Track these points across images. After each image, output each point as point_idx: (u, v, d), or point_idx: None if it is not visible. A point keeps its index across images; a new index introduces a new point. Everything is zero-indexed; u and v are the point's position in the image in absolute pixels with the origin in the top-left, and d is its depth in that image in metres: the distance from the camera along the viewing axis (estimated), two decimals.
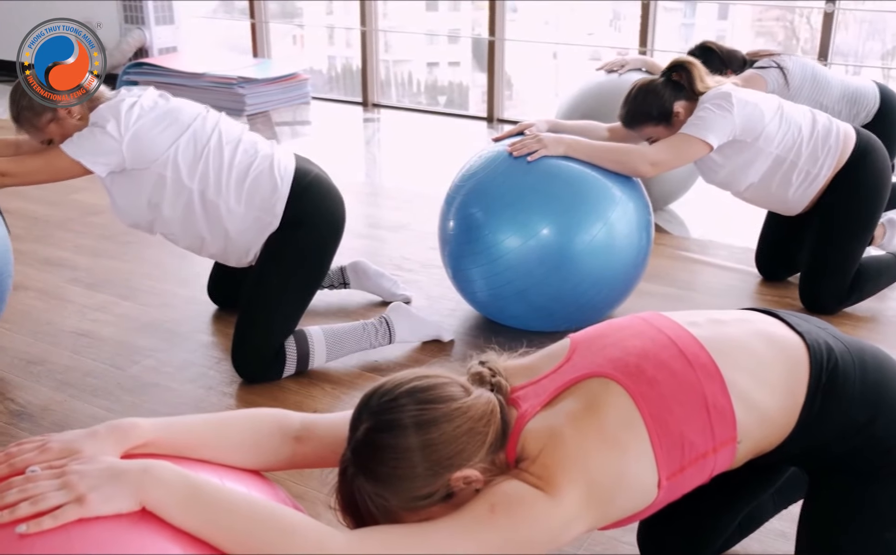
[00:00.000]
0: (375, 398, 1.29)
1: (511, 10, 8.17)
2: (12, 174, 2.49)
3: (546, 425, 1.30)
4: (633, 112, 2.95)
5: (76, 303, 3.25)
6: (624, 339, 1.42)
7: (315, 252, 2.68)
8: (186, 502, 1.12)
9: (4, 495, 1.09)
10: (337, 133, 6.18)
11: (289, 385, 2.65)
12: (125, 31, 7.11)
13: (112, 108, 2.49)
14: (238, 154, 2.60)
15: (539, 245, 2.68)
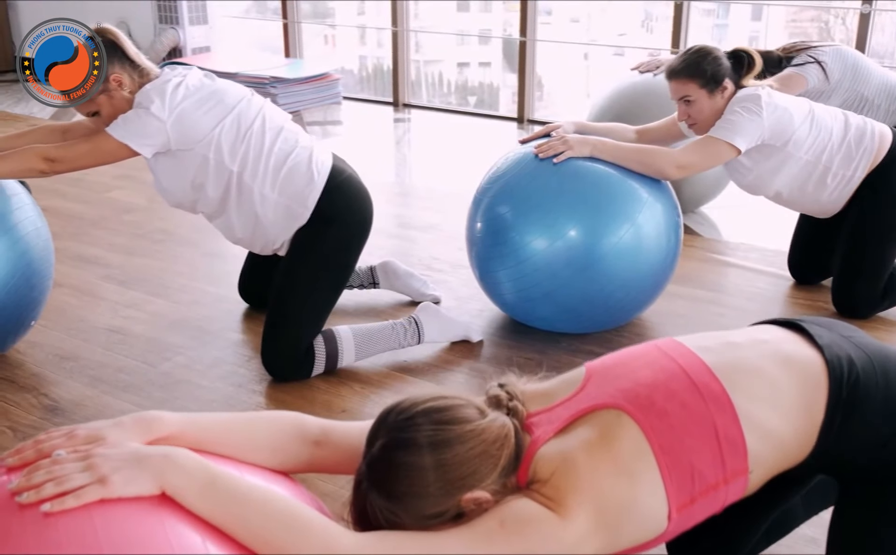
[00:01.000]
0: (393, 416, 1.31)
1: (545, 13, 8.16)
2: (61, 160, 2.50)
3: (559, 451, 1.32)
4: (688, 63, 2.87)
5: (109, 300, 3.29)
6: (636, 369, 1.43)
7: (343, 250, 2.70)
8: (204, 489, 1.16)
9: (32, 476, 1.13)
10: (368, 133, 6.20)
11: (318, 384, 2.66)
12: (159, 31, 7.18)
13: (157, 89, 2.50)
14: (279, 141, 2.61)
15: (566, 247, 2.67)
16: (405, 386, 2.66)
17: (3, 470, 1.18)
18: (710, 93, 2.86)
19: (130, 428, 1.25)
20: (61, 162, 2.50)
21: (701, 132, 2.91)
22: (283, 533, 1.17)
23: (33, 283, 2.68)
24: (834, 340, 1.47)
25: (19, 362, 2.82)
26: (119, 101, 2.55)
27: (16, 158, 2.50)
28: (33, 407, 2.56)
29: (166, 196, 2.69)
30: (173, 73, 2.58)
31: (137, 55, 2.58)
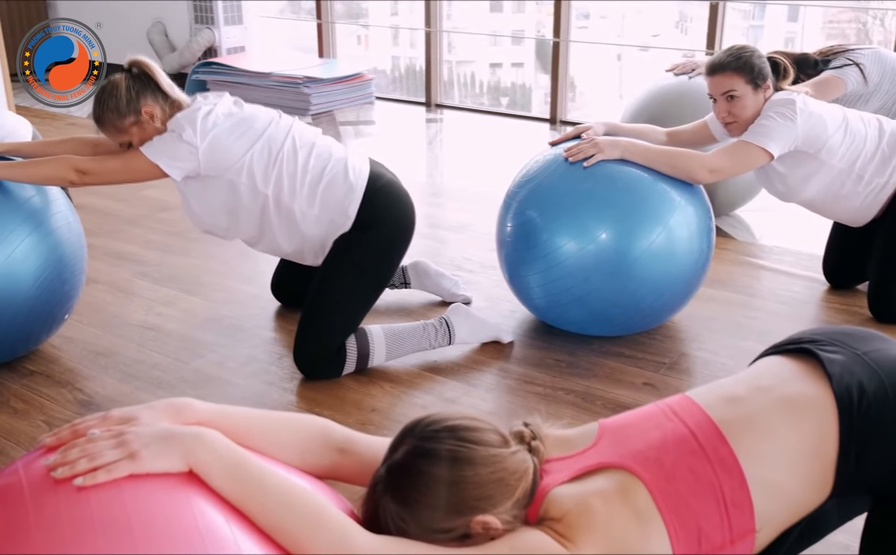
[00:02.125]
0: (420, 427, 1.34)
1: (583, 16, 8.12)
2: (92, 173, 2.54)
3: (573, 494, 1.34)
4: (736, 57, 2.83)
5: (143, 297, 3.33)
6: (647, 431, 1.45)
7: (383, 255, 2.71)
8: (229, 471, 1.20)
9: (67, 453, 1.18)
10: (400, 133, 6.21)
11: (348, 383, 2.67)
12: (195, 31, 7.25)
13: (188, 117, 2.53)
14: (312, 158, 2.63)
15: (597, 250, 2.66)
16: (435, 386, 2.66)
17: (42, 450, 1.24)
18: (755, 89, 2.83)
19: (162, 411, 1.29)
20: (92, 175, 2.55)
21: (736, 133, 2.88)
22: (300, 524, 1.19)
23: (65, 277, 2.72)
24: (845, 366, 1.47)
25: (55, 357, 2.86)
26: (151, 132, 2.59)
27: (49, 166, 2.55)
28: (68, 402, 2.59)
29: (196, 221, 2.73)
30: (205, 101, 2.61)
31: (171, 87, 2.62)
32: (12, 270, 2.55)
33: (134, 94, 2.55)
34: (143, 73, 2.59)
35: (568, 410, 2.52)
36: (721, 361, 2.79)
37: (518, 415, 2.51)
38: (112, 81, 2.58)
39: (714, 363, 2.78)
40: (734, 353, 2.83)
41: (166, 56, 7.39)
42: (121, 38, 7.72)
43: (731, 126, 2.88)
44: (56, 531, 1.08)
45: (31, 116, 4.65)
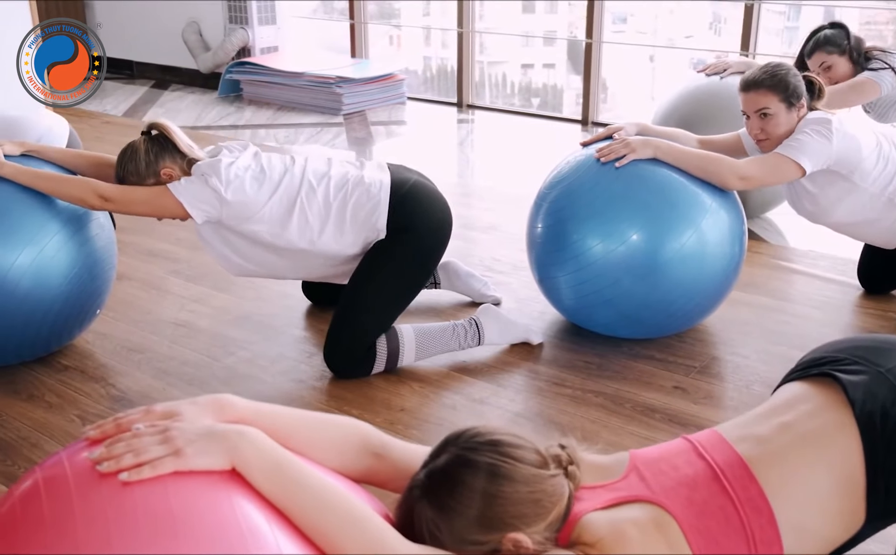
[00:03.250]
0: (464, 437, 1.35)
1: (620, 20, 8.08)
2: (115, 201, 2.58)
3: (607, 520, 1.35)
4: (770, 75, 2.80)
5: (175, 294, 3.36)
6: (679, 467, 1.46)
7: (417, 257, 2.72)
8: (271, 470, 1.20)
9: (112, 447, 1.19)
10: (431, 133, 6.22)
11: (377, 382, 2.68)
12: (229, 30, 7.30)
13: (213, 165, 2.57)
14: (331, 192, 2.65)
15: (628, 252, 2.65)
16: (464, 387, 2.67)
17: (86, 443, 1.25)
18: (788, 108, 2.80)
19: (204, 407, 1.30)
20: (115, 203, 2.58)
21: (768, 150, 2.84)
22: (339, 526, 1.19)
23: (95, 273, 2.76)
24: (868, 389, 1.46)
25: (89, 353, 2.90)
26: None
27: (72, 186, 2.60)
28: (101, 397, 2.62)
29: (221, 264, 2.76)
30: (229, 152, 2.65)
31: (189, 147, 2.65)
32: (43, 266, 2.59)
33: (153, 156, 2.60)
34: (161, 136, 2.64)
35: (597, 412, 2.51)
36: (752, 366, 2.76)
37: (547, 416, 2.50)
38: (132, 145, 2.63)
39: (745, 368, 2.76)
40: (766, 357, 2.81)
41: (200, 55, 7.45)
42: (156, 37, 7.81)
43: (763, 143, 2.84)
44: (101, 525, 1.09)
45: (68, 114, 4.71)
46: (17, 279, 2.54)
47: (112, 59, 8.25)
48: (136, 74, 8.09)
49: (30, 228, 2.58)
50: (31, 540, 1.10)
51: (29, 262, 2.56)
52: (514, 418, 2.50)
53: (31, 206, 2.60)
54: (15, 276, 2.54)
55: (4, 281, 2.53)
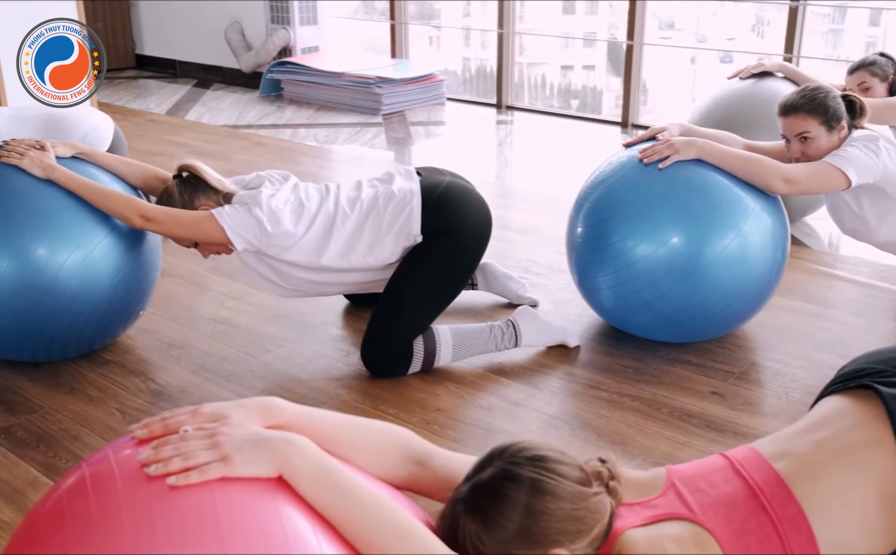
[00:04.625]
0: (509, 451, 1.35)
1: (667, 26, 8.01)
2: (158, 222, 2.61)
3: (647, 537, 1.34)
4: (808, 99, 2.78)
5: (215, 291, 3.40)
6: (716, 484, 1.45)
7: (456, 258, 2.73)
8: (319, 479, 1.20)
9: (160, 450, 1.19)
10: (470, 134, 6.22)
11: (414, 382, 2.69)
12: (271, 30, 7.36)
13: (254, 197, 2.60)
14: (363, 212, 2.68)
15: (668, 254, 2.63)
16: (500, 388, 2.66)
17: (132, 442, 1.25)
18: (829, 130, 2.77)
19: (252, 411, 1.30)
20: (157, 224, 2.61)
21: None
22: (386, 536, 1.19)
23: (140, 276, 2.80)
24: None
25: (129, 348, 2.94)
26: None
27: (117, 202, 2.63)
28: (141, 391, 2.66)
29: (263, 288, 2.80)
30: (271, 184, 2.70)
31: (219, 182, 2.70)
32: (91, 269, 2.62)
33: (187, 197, 2.65)
34: (192, 176, 2.68)
35: (633, 417, 2.50)
36: (792, 373, 2.73)
37: (582, 420, 2.50)
38: (167, 190, 2.68)
39: (784, 374, 2.72)
40: (806, 364, 2.77)
41: (242, 55, 7.52)
42: (199, 37, 7.90)
43: None
44: (148, 527, 1.09)
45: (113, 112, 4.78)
46: (66, 280, 2.59)
47: (155, 58, 8.39)
48: (178, 74, 8.19)
49: (79, 230, 2.62)
50: (78, 538, 1.11)
51: (78, 263, 2.60)
52: (549, 420, 2.50)
53: (81, 209, 2.63)
54: (64, 277, 2.58)
55: (54, 282, 2.57)
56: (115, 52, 8.32)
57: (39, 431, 2.45)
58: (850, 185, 2.70)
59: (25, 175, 2.61)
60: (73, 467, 1.29)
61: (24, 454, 2.34)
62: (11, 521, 2.06)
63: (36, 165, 2.60)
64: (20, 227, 2.56)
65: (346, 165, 5.46)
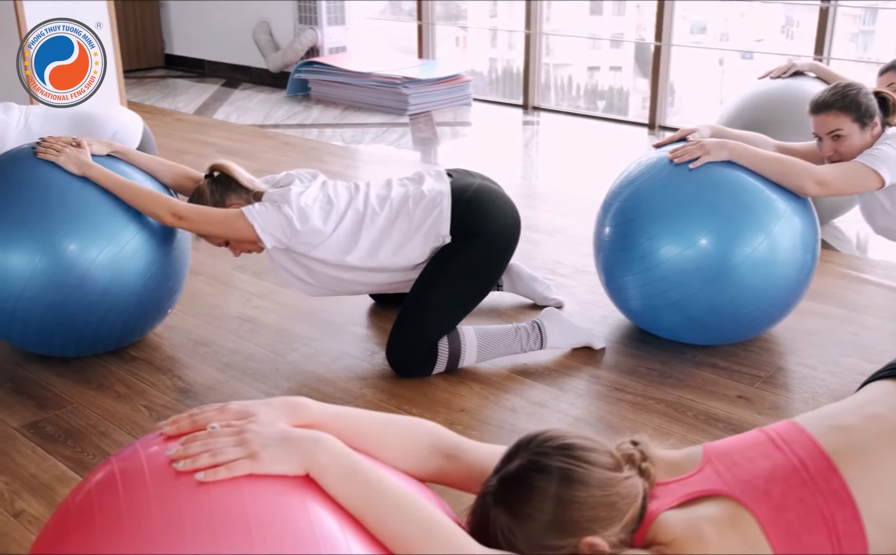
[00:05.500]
0: (536, 441, 1.34)
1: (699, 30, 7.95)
2: (188, 220, 2.63)
3: (682, 519, 1.32)
4: (839, 96, 2.76)
5: (242, 289, 3.42)
6: (755, 459, 1.41)
7: (484, 260, 2.72)
8: (346, 476, 1.21)
9: (188, 446, 1.21)
10: (496, 135, 6.22)
11: (438, 382, 2.69)
12: (299, 30, 7.40)
13: (284, 195, 2.62)
14: (393, 211, 2.68)
15: (697, 255, 2.62)
16: (524, 389, 2.66)
17: (161, 438, 1.26)
18: (861, 127, 2.74)
19: (279, 409, 1.31)
20: (188, 222, 2.64)
21: None
22: (414, 531, 1.20)
23: (170, 274, 2.82)
24: None
25: (157, 345, 2.96)
26: None
27: (149, 200, 2.66)
28: (168, 388, 2.68)
29: (290, 286, 2.82)
30: (300, 181, 2.71)
31: (250, 181, 2.72)
32: (121, 266, 2.65)
33: (218, 196, 2.68)
34: (223, 176, 2.70)
35: (658, 420, 2.48)
36: (820, 377, 2.70)
37: (607, 422, 2.48)
38: (198, 189, 2.72)
39: (812, 379, 2.70)
40: (834, 369, 2.75)
41: (270, 55, 7.56)
42: (227, 37, 7.95)
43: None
44: (176, 522, 1.10)
45: (142, 111, 4.82)
46: (97, 276, 2.61)
47: (184, 58, 8.45)
48: (207, 73, 8.24)
49: (111, 227, 2.64)
50: (108, 532, 1.12)
51: (109, 260, 2.63)
52: (574, 422, 2.49)
53: (113, 206, 2.66)
54: (95, 272, 2.61)
55: (85, 277, 2.60)
56: (145, 51, 8.40)
57: (68, 426, 2.48)
58: (883, 184, 2.67)
59: (61, 171, 2.65)
60: (103, 462, 1.30)
61: (52, 449, 2.37)
62: (39, 515, 2.09)
63: (72, 162, 2.64)
64: (54, 222, 2.59)
65: (372, 164, 5.48)
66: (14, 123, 3.35)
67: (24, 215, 2.60)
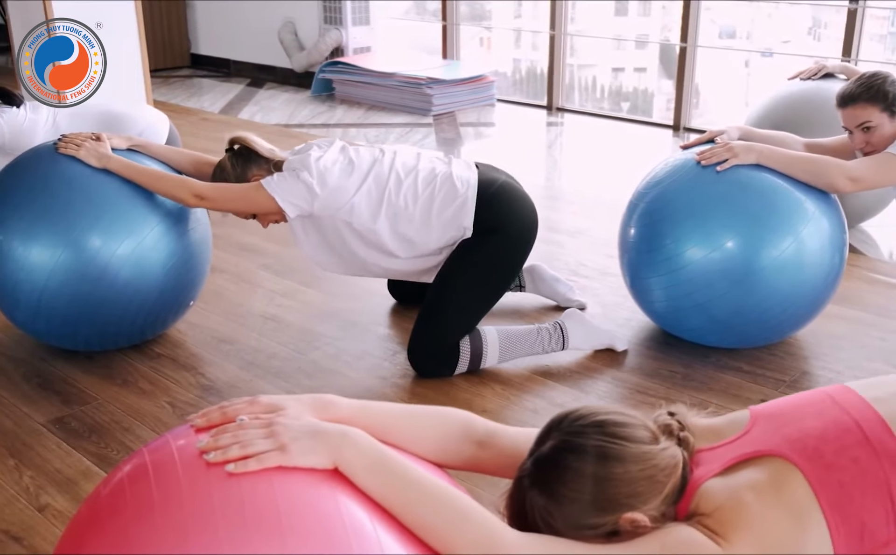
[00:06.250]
0: (568, 420, 1.32)
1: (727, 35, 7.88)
2: (211, 199, 2.66)
3: (725, 487, 1.29)
4: (867, 87, 2.73)
5: (265, 288, 3.43)
6: (805, 418, 1.37)
7: (503, 258, 2.72)
8: (375, 468, 1.21)
9: (219, 438, 1.21)
10: (520, 136, 6.21)
11: (460, 382, 2.69)
12: (324, 31, 7.42)
13: (304, 160, 2.63)
14: (419, 184, 2.67)
15: (723, 257, 2.60)
16: (546, 391, 2.65)
17: (191, 430, 1.28)
18: (891, 116, 2.70)
19: (308, 405, 1.32)
20: (210, 201, 2.67)
21: None
22: (446, 520, 1.20)
23: (191, 265, 2.84)
24: None
25: (181, 342, 2.98)
26: None
27: (170, 184, 2.70)
28: (191, 385, 2.70)
29: (314, 259, 2.80)
30: (318, 147, 2.71)
31: (271, 151, 2.74)
32: (142, 257, 2.68)
33: (240, 169, 2.70)
34: (243, 148, 2.73)
35: None
36: (845, 382, 2.67)
37: None
38: (220, 164, 2.75)
39: (837, 384, 2.67)
40: (860, 374, 2.72)
41: (295, 55, 7.59)
42: (253, 37, 7.99)
43: (870, 154, 2.75)
44: (208, 512, 1.11)
45: (168, 110, 4.86)
46: (118, 268, 2.64)
47: (210, 58, 8.50)
48: (232, 73, 8.28)
49: (131, 219, 2.67)
50: (141, 521, 1.13)
51: (129, 252, 2.65)
52: None
53: (133, 198, 2.69)
54: (116, 265, 2.64)
55: (106, 269, 2.63)
56: (171, 51, 8.46)
57: (92, 422, 2.50)
58: None
59: (82, 165, 2.68)
60: (133, 453, 1.31)
61: (77, 444, 2.39)
62: (64, 509, 2.11)
63: (92, 155, 2.67)
64: (75, 215, 2.63)
65: None
66: (42, 122, 3.39)
67: (46, 209, 2.64)
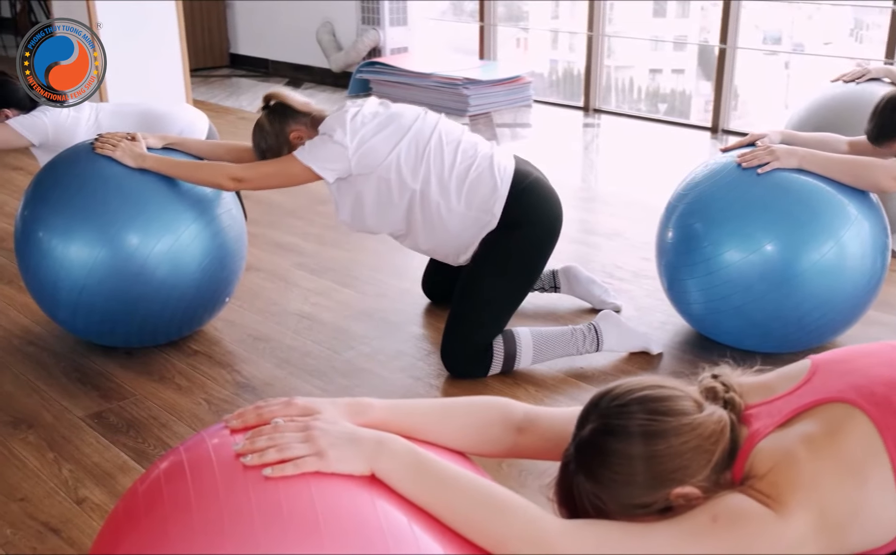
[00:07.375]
0: (606, 401, 1.29)
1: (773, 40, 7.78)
2: (248, 180, 2.69)
3: (778, 445, 1.24)
4: (884, 125, 2.73)
5: (301, 286, 3.45)
6: (871, 365, 1.32)
7: (530, 253, 2.71)
8: (413, 472, 1.20)
9: (255, 440, 1.21)
10: (556, 137, 6.18)
11: (493, 384, 2.68)
12: (361, 31, 7.45)
13: (338, 118, 2.64)
14: (458, 155, 2.67)
15: (762, 260, 2.57)
16: (580, 393, 2.64)
17: (226, 430, 1.27)
18: None
19: (343, 408, 1.31)
20: (248, 182, 2.69)
21: None
22: (488, 515, 1.18)
23: (226, 262, 2.86)
24: None
25: (217, 339, 3.01)
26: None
27: (206, 171, 2.73)
28: (227, 382, 2.72)
29: (348, 221, 2.79)
30: (353, 104, 2.71)
31: (306, 104, 2.76)
32: (178, 254, 2.70)
33: (278, 126, 2.71)
34: (279, 105, 2.74)
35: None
36: None
37: None
38: (258, 124, 2.77)
39: None
40: None
41: (333, 55, 7.63)
42: (291, 37, 8.05)
43: None
44: (246, 512, 1.11)
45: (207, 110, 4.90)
46: (155, 265, 2.67)
47: (249, 58, 8.58)
48: (270, 72, 8.34)
49: (168, 217, 2.70)
50: (178, 518, 1.13)
51: (166, 249, 2.68)
52: None
53: (169, 196, 2.72)
54: (154, 262, 2.67)
55: (144, 267, 2.66)
56: (210, 51, 8.54)
57: (130, 417, 2.53)
58: None
59: (118, 165, 2.71)
60: (169, 450, 1.32)
61: (115, 439, 2.42)
62: (102, 503, 2.13)
63: (128, 155, 2.70)
64: (113, 214, 2.66)
65: None
66: (84, 120, 3.44)
67: (85, 208, 2.68)
